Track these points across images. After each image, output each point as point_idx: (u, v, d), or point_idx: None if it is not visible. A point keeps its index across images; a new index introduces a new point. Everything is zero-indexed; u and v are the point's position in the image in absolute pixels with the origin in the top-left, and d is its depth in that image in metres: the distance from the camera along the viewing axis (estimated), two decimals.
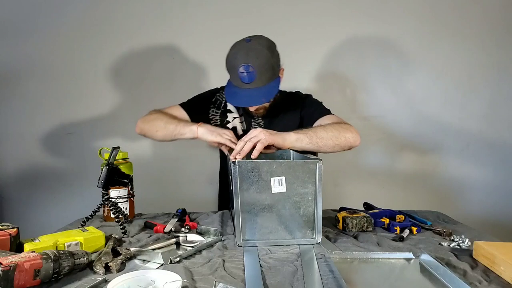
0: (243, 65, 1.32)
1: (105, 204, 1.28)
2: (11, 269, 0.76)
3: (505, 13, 2.18)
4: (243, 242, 1.07)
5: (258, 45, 1.35)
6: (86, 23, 2.12)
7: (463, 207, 2.26)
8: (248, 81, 1.33)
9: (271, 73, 1.37)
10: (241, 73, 1.33)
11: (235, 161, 1.05)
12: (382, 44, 2.20)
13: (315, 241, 1.09)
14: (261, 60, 1.33)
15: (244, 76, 1.33)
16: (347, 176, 2.25)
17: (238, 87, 1.37)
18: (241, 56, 1.33)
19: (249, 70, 1.32)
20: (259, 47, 1.34)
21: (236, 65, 1.33)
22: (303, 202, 1.08)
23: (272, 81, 1.38)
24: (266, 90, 1.37)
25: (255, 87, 1.34)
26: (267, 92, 1.38)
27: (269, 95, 1.39)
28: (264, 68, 1.34)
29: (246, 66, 1.32)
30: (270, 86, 1.37)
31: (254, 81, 1.33)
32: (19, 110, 2.15)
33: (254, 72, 1.32)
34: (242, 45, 1.36)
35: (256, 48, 1.34)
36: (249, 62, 1.31)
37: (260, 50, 1.34)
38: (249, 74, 1.32)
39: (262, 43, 1.36)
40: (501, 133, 2.26)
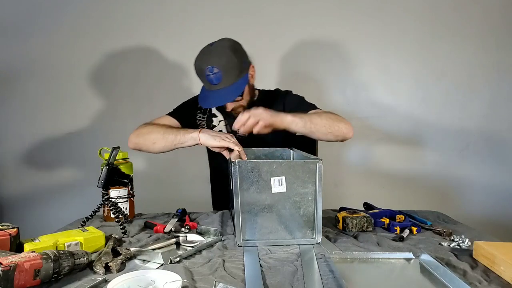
0: (208, 67, 1.37)
1: (105, 204, 1.28)
2: (11, 269, 0.76)
3: (505, 13, 2.18)
4: (243, 242, 1.07)
5: (220, 47, 1.40)
6: (86, 23, 2.13)
7: (463, 207, 2.26)
8: (215, 82, 1.38)
9: (237, 71, 1.40)
10: (207, 76, 1.38)
11: (235, 161, 1.05)
12: (382, 44, 2.20)
13: (315, 241, 1.09)
14: (224, 59, 1.37)
15: (211, 77, 1.38)
16: (347, 176, 2.25)
17: (209, 90, 1.42)
18: (205, 59, 1.39)
19: (214, 71, 1.37)
20: (220, 49, 1.39)
21: (202, 69, 1.38)
22: (303, 202, 1.08)
23: (240, 78, 1.42)
24: (234, 87, 1.41)
25: (223, 86, 1.39)
26: (236, 89, 1.42)
27: (236, 92, 1.42)
28: (229, 66, 1.38)
29: (211, 67, 1.36)
30: (238, 83, 1.42)
31: (221, 81, 1.38)
32: (19, 110, 2.16)
33: (219, 72, 1.36)
34: (206, 49, 1.42)
35: (218, 50, 1.39)
36: (212, 63, 1.36)
37: (222, 51, 1.39)
38: (215, 75, 1.37)
39: (224, 45, 1.40)
40: (501, 133, 2.26)
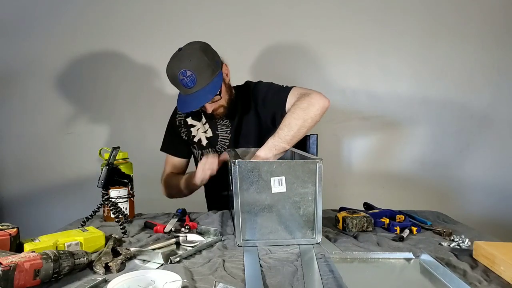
0: (180, 71, 1.35)
1: (105, 204, 1.28)
2: (11, 269, 0.76)
3: (505, 13, 2.19)
4: (243, 242, 1.07)
5: (189, 49, 1.40)
6: (86, 23, 2.13)
7: (463, 207, 2.26)
8: (190, 85, 1.37)
9: (210, 71, 1.39)
10: (181, 80, 1.36)
11: (235, 161, 1.05)
12: (382, 44, 2.20)
13: (315, 241, 1.09)
14: (195, 61, 1.36)
15: (185, 81, 1.36)
16: (347, 176, 2.25)
17: (186, 94, 1.40)
18: (176, 64, 1.37)
19: (187, 74, 1.35)
20: (190, 51, 1.39)
21: (176, 74, 1.37)
22: (303, 202, 1.08)
23: (214, 77, 1.40)
24: (211, 87, 1.40)
25: (199, 88, 1.38)
26: (212, 88, 1.40)
27: (214, 91, 1.41)
28: (201, 67, 1.37)
29: (183, 71, 1.35)
30: (213, 82, 1.40)
31: (196, 83, 1.37)
32: (19, 110, 2.16)
33: (193, 74, 1.35)
34: (175, 54, 1.41)
35: (187, 53, 1.38)
36: (184, 67, 1.35)
37: (191, 53, 1.38)
38: (189, 78, 1.35)
39: (192, 47, 1.40)
40: (501, 133, 2.26)
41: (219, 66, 1.44)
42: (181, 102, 1.44)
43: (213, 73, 1.40)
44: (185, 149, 1.66)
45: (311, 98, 1.35)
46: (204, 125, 1.61)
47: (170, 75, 1.40)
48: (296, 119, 1.31)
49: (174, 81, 1.40)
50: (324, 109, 1.34)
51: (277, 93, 1.50)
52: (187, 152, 1.67)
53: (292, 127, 1.30)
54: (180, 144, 1.65)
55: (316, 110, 1.32)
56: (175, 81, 1.40)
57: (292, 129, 1.30)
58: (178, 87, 1.42)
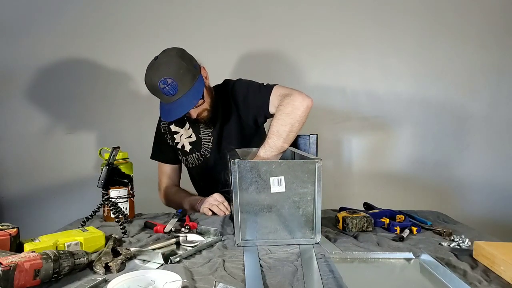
0: (160, 80, 1.32)
1: (105, 204, 1.28)
2: (11, 269, 0.76)
3: (505, 13, 2.19)
4: (242, 241, 1.07)
5: (165, 57, 1.37)
6: (86, 23, 2.13)
7: (463, 207, 2.26)
8: (172, 92, 1.34)
9: (191, 75, 1.38)
10: (162, 89, 1.34)
11: (234, 160, 1.05)
12: (382, 44, 2.20)
13: (315, 241, 1.09)
14: (173, 67, 1.34)
15: (167, 90, 1.34)
16: (347, 176, 2.25)
17: (169, 103, 1.38)
18: (154, 74, 1.34)
19: (168, 82, 1.33)
20: (166, 58, 1.36)
21: (155, 84, 1.34)
22: (302, 202, 1.08)
23: (195, 82, 1.39)
24: (193, 92, 1.38)
25: (182, 95, 1.35)
26: (195, 93, 1.39)
27: (197, 95, 1.39)
28: (180, 73, 1.34)
29: (163, 80, 1.32)
30: (195, 87, 1.38)
31: (178, 90, 1.34)
32: (19, 110, 2.16)
33: (173, 82, 1.33)
34: (151, 64, 1.38)
35: (164, 61, 1.36)
36: (164, 75, 1.32)
37: (168, 60, 1.35)
38: (170, 86, 1.33)
39: (168, 54, 1.38)
40: (501, 133, 2.26)
41: (198, 70, 1.42)
42: (165, 111, 1.42)
43: (194, 77, 1.38)
44: (174, 155, 1.65)
45: (294, 100, 1.33)
46: (187, 130, 1.60)
47: (150, 85, 1.37)
48: (284, 125, 1.30)
49: (154, 91, 1.37)
50: (309, 109, 1.34)
51: (259, 93, 1.47)
52: (176, 158, 1.66)
53: (281, 134, 1.30)
54: (168, 151, 1.65)
55: (302, 113, 1.32)
56: (155, 91, 1.37)
57: (281, 136, 1.29)
58: (159, 97, 1.39)
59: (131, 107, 2.19)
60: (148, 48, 2.14)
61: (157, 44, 2.14)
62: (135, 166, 1.44)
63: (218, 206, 1.40)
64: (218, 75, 1.59)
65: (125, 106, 2.19)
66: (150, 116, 2.18)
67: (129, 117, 2.20)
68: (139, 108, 2.19)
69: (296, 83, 1.71)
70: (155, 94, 1.39)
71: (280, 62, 2.19)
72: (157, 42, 2.13)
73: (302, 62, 2.20)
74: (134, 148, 1.69)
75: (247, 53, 2.15)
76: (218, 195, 1.43)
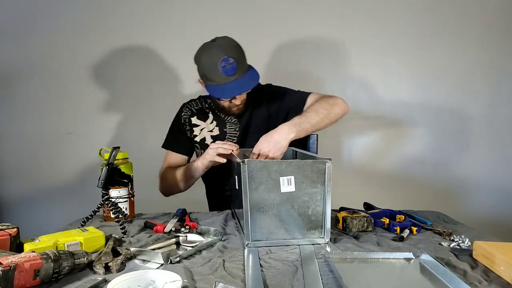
0: (223, 58, 1.35)
1: (105, 204, 1.28)
2: (11, 269, 0.76)
3: (505, 13, 2.19)
4: (252, 242, 1.06)
5: (226, 40, 1.42)
6: (86, 23, 2.13)
7: (463, 207, 2.26)
8: (231, 72, 1.37)
9: (246, 63, 1.44)
10: (223, 67, 1.36)
11: (244, 160, 1.05)
12: (382, 44, 2.20)
13: (324, 240, 1.09)
14: (235, 50, 1.39)
15: (227, 68, 1.36)
16: (347, 176, 2.25)
17: (222, 83, 1.39)
18: (216, 52, 1.37)
19: (230, 62, 1.36)
20: (227, 41, 1.41)
21: (216, 62, 1.36)
22: (312, 201, 1.08)
23: (251, 67, 1.45)
24: (250, 76, 1.42)
25: (238, 76, 1.39)
26: (253, 77, 1.43)
27: (255, 79, 1.43)
28: (241, 56, 1.41)
29: (226, 58, 1.35)
30: (252, 72, 1.44)
31: (237, 71, 1.38)
32: (19, 110, 2.16)
33: (235, 62, 1.37)
34: (212, 44, 1.41)
35: (226, 43, 1.41)
36: (227, 54, 1.36)
37: (230, 43, 1.41)
38: (231, 65, 1.36)
39: (227, 38, 1.43)
40: (501, 133, 2.26)
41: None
42: (218, 90, 1.42)
43: (248, 66, 1.44)
44: (189, 146, 1.65)
45: (336, 99, 1.44)
46: (209, 124, 1.61)
47: (208, 63, 1.39)
48: (324, 108, 1.37)
49: (211, 68, 1.38)
50: (345, 113, 1.43)
51: (296, 93, 1.57)
52: (190, 150, 1.66)
53: (318, 113, 1.35)
54: (184, 142, 1.64)
55: (340, 110, 1.41)
56: (212, 69, 1.38)
57: (318, 115, 1.35)
58: (214, 75, 1.39)
59: (131, 107, 2.19)
60: (148, 48, 2.16)
61: (157, 43, 2.16)
62: (135, 166, 1.44)
63: (222, 147, 1.35)
64: None
65: (125, 106, 2.19)
66: (150, 116, 2.19)
67: (129, 117, 2.20)
68: (139, 108, 2.19)
69: (296, 83, 1.71)
70: (208, 72, 1.40)
71: (279, 61, 2.19)
72: (157, 41, 2.16)
73: (301, 61, 2.20)
74: (134, 148, 1.69)
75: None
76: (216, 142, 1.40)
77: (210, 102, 1.64)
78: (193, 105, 1.66)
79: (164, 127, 1.72)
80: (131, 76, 2.17)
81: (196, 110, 1.64)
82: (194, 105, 1.66)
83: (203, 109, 1.64)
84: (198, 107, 1.65)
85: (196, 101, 1.67)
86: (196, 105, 1.66)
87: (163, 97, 2.18)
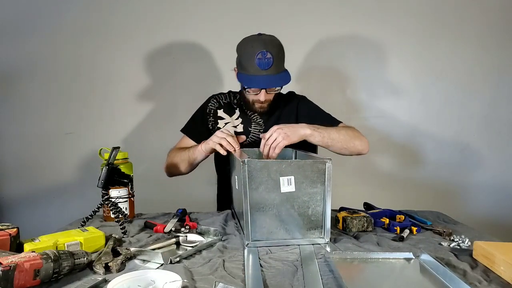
0: (261, 51, 1.39)
1: (105, 204, 1.28)
2: (11, 269, 0.76)
3: (505, 13, 2.19)
4: (252, 242, 1.06)
5: (271, 37, 1.46)
6: (86, 23, 2.13)
7: (463, 207, 2.26)
8: (265, 67, 1.40)
9: (283, 64, 1.47)
10: (258, 59, 1.39)
11: (244, 160, 1.05)
12: (382, 44, 2.20)
13: (324, 240, 1.09)
14: (276, 48, 1.42)
15: (262, 61, 1.39)
16: (347, 176, 2.25)
17: (254, 74, 1.42)
18: (258, 44, 1.41)
19: (267, 56, 1.40)
20: (272, 38, 1.46)
21: (254, 53, 1.40)
22: (312, 201, 1.08)
23: (283, 71, 1.47)
24: (282, 76, 1.45)
25: (271, 73, 1.41)
26: (284, 77, 1.45)
27: (287, 78, 1.45)
28: (279, 56, 1.43)
29: (264, 52, 1.39)
30: (285, 75, 1.46)
31: (271, 68, 1.41)
32: (19, 110, 2.16)
33: (271, 58, 1.40)
34: (256, 37, 1.46)
35: (270, 39, 1.45)
36: (266, 48, 1.40)
37: (274, 41, 1.45)
38: (267, 60, 1.39)
39: (274, 37, 1.47)
40: (501, 133, 2.26)
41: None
42: (247, 79, 1.45)
43: (284, 68, 1.47)
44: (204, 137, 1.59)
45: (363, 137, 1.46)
46: (235, 120, 1.61)
47: (248, 52, 1.42)
48: (347, 134, 1.40)
49: (248, 58, 1.42)
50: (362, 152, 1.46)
51: (327, 115, 1.58)
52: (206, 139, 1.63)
53: (340, 134, 1.39)
54: (203, 131, 1.61)
55: (360, 146, 1.44)
56: (249, 58, 1.42)
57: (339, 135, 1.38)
58: (248, 65, 1.43)
59: (131, 107, 2.19)
60: (148, 48, 2.16)
61: (157, 42, 2.16)
62: (135, 166, 1.44)
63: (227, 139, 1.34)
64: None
65: (125, 106, 2.19)
66: (150, 116, 2.19)
67: (129, 117, 2.20)
68: (139, 108, 2.19)
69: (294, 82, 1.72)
70: (245, 61, 1.44)
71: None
72: (157, 41, 2.16)
73: (300, 60, 2.20)
74: (134, 148, 1.69)
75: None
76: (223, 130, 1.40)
77: (239, 98, 1.63)
78: (222, 98, 1.65)
79: (164, 127, 1.72)
80: (131, 76, 2.17)
81: (224, 103, 1.64)
82: (222, 98, 1.65)
83: (230, 104, 1.64)
84: (226, 101, 1.65)
85: (225, 94, 1.67)
86: (224, 98, 1.65)
87: (163, 97, 2.19)
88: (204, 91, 1.75)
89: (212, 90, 1.76)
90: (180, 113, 2.10)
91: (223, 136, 1.35)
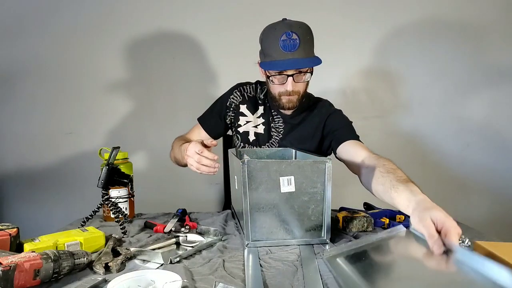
0: (285, 32, 1.26)
1: (105, 204, 1.28)
2: (11, 269, 0.76)
3: (505, 13, 2.18)
4: (251, 242, 1.06)
5: (296, 21, 1.32)
6: (86, 23, 2.13)
7: (464, 207, 2.26)
8: (290, 49, 1.26)
9: (312, 49, 1.31)
10: (283, 41, 1.26)
11: (244, 160, 1.04)
12: (382, 43, 2.20)
13: (324, 240, 1.09)
14: (303, 29, 1.28)
15: (286, 43, 1.26)
16: (347, 176, 2.25)
17: (278, 59, 1.28)
18: (281, 28, 1.28)
19: (292, 37, 1.26)
20: (299, 22, 1.31)
21: (277, 36, 1.27)
22: (312, 201, 1.08)
23: (313, 55, 1.33)
24: (311, 60, 1.30)
25: (298, 56, 1.27)
26: (314, 61, 1.30)
27: (314, 61, 1.30)
28: (306, 39, 1.28)
29: (289, 32, 1.26)
30: (315, 59, 1.31)
31: (296, 50, 1.27)
32: (19, 110, 2.16)
33: (297, 39, 1.26)
34: (280, 21, 1.32)
35: (296, 22, 1.31)
36: (291, 29, 1.26)
37: (301, 23, 1.31)
38: (292, 41, 1.26)
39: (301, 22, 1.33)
40: (501, 133, 2.26)
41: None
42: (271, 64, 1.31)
43: (313, 53, 1.32)
44: (220, 131, 1.55)
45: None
46: (256, 119, 1.50)
47: (270, 37, 1.30)
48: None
49: (273, 43, 1.28)
50: None
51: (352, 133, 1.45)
52: (218, 133, 1.56)
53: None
54: (218, 125, 1.54)
55: None
56: (273, 43, 1.28)
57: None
58: (273, 50, 1.29)
59: (131, 107, 2.19)
60: (148, 47, 2.16)
61: (157, 44, 2.16)
62: (135, 166, 1.44)
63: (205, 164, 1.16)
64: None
65: (125, 106, 2.19)
66: (150, 116, 2.19)
67: (129, 117, 2.20)
68: (139, 108, 2.19)
69: None
70: (270, 47, 1.30)
71: None
72: (157, 42, 2.16)
73: None
74: (134, 148, 1.69)
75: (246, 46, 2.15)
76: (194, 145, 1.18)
77: (265, 91, 1.49)
78: (247, 90, 1.52)
79: (164, 127, 1.72)
80: (131, 76, 2.17)
81: (248, 97, 1.51)
82: (248, 91, 1.52)
83: (255, 98, 1.51)
84: (251, 94, 1.52)
85: (252, 85, 1.54)
86: (250, 91, 1.52)
87: (163, 97, 2.19)
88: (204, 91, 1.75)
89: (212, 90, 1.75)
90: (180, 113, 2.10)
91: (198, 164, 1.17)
